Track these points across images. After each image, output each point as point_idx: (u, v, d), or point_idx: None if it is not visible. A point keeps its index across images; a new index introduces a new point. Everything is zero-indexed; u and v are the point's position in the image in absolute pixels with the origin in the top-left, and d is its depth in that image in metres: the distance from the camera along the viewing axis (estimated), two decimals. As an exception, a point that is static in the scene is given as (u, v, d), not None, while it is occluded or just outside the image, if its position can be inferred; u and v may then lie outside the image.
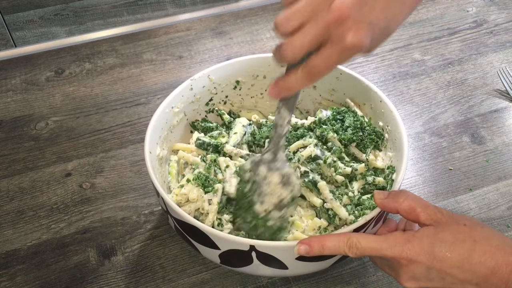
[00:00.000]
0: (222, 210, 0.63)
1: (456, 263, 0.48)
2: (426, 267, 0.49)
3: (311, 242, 0.53)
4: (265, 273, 0.60)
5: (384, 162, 0.68)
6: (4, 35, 0.98)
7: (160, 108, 0.68)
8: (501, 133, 0.83)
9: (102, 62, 0.96)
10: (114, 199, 0.75)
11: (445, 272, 0.48)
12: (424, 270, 0.49)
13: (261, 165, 0.58)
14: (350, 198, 0.63)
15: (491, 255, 0.48)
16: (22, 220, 0.72)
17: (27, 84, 0.92)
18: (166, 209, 0.60)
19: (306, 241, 0.53)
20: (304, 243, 0.53)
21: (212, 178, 0.64)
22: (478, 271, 0.48)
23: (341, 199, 0.63)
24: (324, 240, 0.53)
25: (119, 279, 0.66)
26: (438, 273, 0.48)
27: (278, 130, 0.56)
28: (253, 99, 0.78)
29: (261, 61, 0.74)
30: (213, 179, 0.64)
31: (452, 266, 0.48)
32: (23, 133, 0.84)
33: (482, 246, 0.48)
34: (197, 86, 0.72)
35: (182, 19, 1.05)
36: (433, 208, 0.53)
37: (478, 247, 0.48)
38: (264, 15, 1.05)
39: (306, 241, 0.53)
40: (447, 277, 0.48)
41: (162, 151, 0.68)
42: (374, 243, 0.51)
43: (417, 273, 0.49)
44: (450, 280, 0.48)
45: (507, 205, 0.73)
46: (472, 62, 0.95)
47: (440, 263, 0.48)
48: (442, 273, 0.48)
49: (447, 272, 0.48)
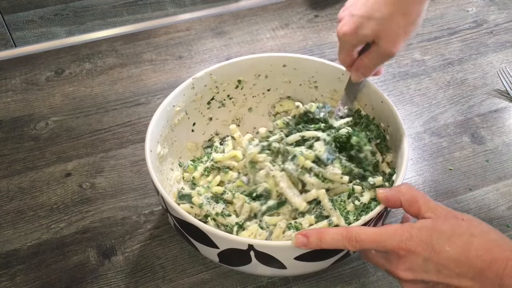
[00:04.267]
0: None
1: (453, 256, 0.48)
2: (424, 258, 0.49)
3: (309, 233, 0.53)
4: (264, 273, 0.60)
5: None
6: (4, 35, 0.98)
7: (161, 106, 0.68)
8: (501, 133, 0.83)
9: (102, 62, 0.96)
10: (114, 199, 0.75)
11: (442, 265, 0.48)
12: (421, 261, 0.49)
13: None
14: (356, 206, 0.62)
15: (488, 249, 0.48)
16: (22, 220, 0.72)
17: (27, 84, 0.92)
18: (166, 207, 0.60)
19: (304, 232, 0.53)
20: (301, 234, 0.53)
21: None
22: (474, 265, 0.48)
23: (344, 206, 0.62)
24: (322, 233, 0.52)
25: (119, 279, 0.66)
26: (435, 265, 0.48)
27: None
28: (255, 98, 0.78)
29: (263, 60, 0.74)
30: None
31: (449, 258, 0.48)
32: (23, 133, 0.84)
33: (480, 240, 0.49)
34: (199, 85, 0.72)
35: (182, 19, 1.05)
36: (433, 202, 0.53)
37: (475, 241, 0.49)
38: (264, 15, 1.05)
39: (303, 233, 0.53)
40: (443, 269, 0.48)
41: (163, 149, 0.68)
42: (374, 235, 0.51)
43: (414, 264, 0.49)
44: (446, 273, 0.48)
45: (507, 205, 0.73)
46: (472, 62, 0.95)
47: (437, 255, 0.48)
48: (439, 265, 0.48)
49: (443, 264, 0.48)
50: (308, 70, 0.74)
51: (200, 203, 0.64)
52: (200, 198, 0.65)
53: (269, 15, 1.05)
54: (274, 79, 0.76)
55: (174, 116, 0.70)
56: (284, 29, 1.02)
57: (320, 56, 0.75)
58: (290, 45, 0.99)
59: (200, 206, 0.64)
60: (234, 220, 0.63)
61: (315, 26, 1.03)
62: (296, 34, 1.01)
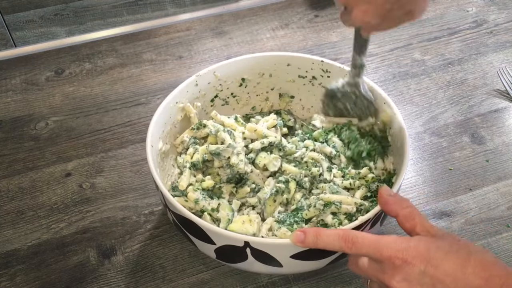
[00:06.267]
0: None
1: (449, 270, 0.48)
2: (420, 271, 0.48)
3: (306, 231, 0.53)
4: (261, 270, 0.60)
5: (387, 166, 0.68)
6: (4, 35, 0.98)
7: (164, 102, 0.68)
8: (501, 133, 0.83)
9: (102, 62, 0.96)
10: (114, 199, 0.75)
11: (438, 279, 0.48)
12: (417, 274, 0.49)
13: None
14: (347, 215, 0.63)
15: (485, 267, 0.48)
16: (22, 220, 0.72)
17: (27, 84, 0.92)
18: (165, 203, 0.60)
19: (302, 229, 0.53)
20: (300, 230, 0.53)
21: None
22: (471, 281, 0.47)
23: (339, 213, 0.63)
24: (320, 232, 0.53)
25: (119, 279, 0.66)
26: (431, 279, 0.48)
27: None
28: (259, 97, 0.78)
29: (267, 59, 0.74)
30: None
31: (446, 273, 0.48)
32: (23, 133, 0.84)
33: (477, 258, 0.48)
34: (202, 82, 0.72)
35: (182, 19, 1.05)
36: (430, 223, 0.53)
37: (472, 258, 0.48)
38: (264, 15, 1.05)
39: (301, 230, 0.53)
40: (439, 284, 0.48)
41: (165, 145, 0.68)
42: (371, 240, 0.51)
43: (410, 275, 0.49)
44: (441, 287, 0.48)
45: (507, 205, 0.73)
46: (472, 62, 0.95)
47: (434, 269, 0.48)
48: (435, 279, 0.48)
49: (439, 279, 0.48)
50: (311, 69, 0.74)
51: (195, 198, 0.64)
52: (195, 193, 0.64)
53: (269, 15, 1.05)
54: (278, 78, 0.76)
55: (176, 113, 0.70)
56: (284, 29, 1.02)
57: (320, 56, 0.75)
58: (290, 45, 0.99)
59: (196, 202, 0.64)
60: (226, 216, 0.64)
61: (315, 26, 1.03)
62: (296, 34, 1.01)
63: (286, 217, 0.63)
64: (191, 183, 0.67)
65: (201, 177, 0.68)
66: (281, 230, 0.61)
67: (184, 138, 0.71)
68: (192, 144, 0.70)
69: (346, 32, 1.01)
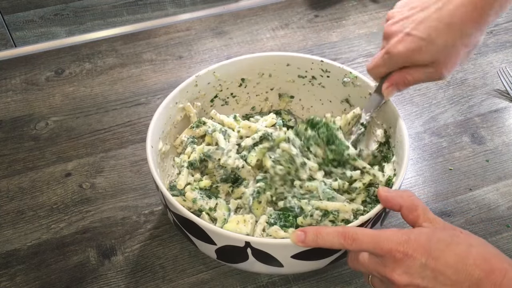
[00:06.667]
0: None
1: (451, 263, 0.48)
2: (421, 264, 0.48)
3: (307, 230, 0.53)
4: (261, 270, 0.60)
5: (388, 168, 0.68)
6: (4, 35, 0.98)
7: (164, 103, 0.68)
8: (501, 133, 0.83)
9: (102, 62, 0.96)
10: (114, 199, 0.75)
11: (439, 271, 0.48)
12: (418, 266, 0.49)
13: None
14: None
15: (486, 259, 0.48)
16: (22, 220, 0.72)
17: (27, 84, 0.92)
18: (165, 203, 0.60)
19: (302, 229, 0.54)
20: (300, 230, 0.54)
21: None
22: (472, 273, 0.47)
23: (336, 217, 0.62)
24: (320, 230, 0.53)
25: (119, 279, 0.66)
26: (432, 271, 0.48)
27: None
28: (259, 97, 0.78)
29: (267, 59, 0.74)
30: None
31: (447, 265, 0.48)
32: (23, 133, 0.84)
33: (478, 250, 0.48)
34: (202, 82, 0.72)
35: (182, 19, 1.05)
36: (432, 213, 0.53)
37: (474, 251, 0.48)
38: (264, 15, 1.05)
39: (302, 229, 0.54)
40: (440, 276, 0.48)
41: (165, 146, 0.68)
42: (371, 235, 0.51)
43: (411, 268, 0.49)
44: (442, 280, 0.48)
45: (507, 205, 0.73)
46: (472, 62, 0.95)
47: (435, 261, 0.48)
48: (436, 271, 0.48)
49: (441, 271, 0.48)
50: (311, 69, 0.74)
51: (193, 197, 0.64)
52: (193, 193, 0.65)
53: (269, 15, 1.05)
54: (278, 78, 0.76)
55: (176, 113, 0.70)
56: (284, 29, 1.02)
57: (320, 56, 0.75)
58: (290, 45, 0.99)
59: (194, 201, 0.64)
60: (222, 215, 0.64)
61: (315, 26, 1.03)
62: (296, 34, 1.01)
63: (277, 219, 0.63)
64: (189, 183, 0.68)
65: (199, 177, 0.68)
66: (273, 228, 0.61)
67: (183, 138, 0.71)
68: (190, 143, 0.70)
69: (346, 32, 1.01)
